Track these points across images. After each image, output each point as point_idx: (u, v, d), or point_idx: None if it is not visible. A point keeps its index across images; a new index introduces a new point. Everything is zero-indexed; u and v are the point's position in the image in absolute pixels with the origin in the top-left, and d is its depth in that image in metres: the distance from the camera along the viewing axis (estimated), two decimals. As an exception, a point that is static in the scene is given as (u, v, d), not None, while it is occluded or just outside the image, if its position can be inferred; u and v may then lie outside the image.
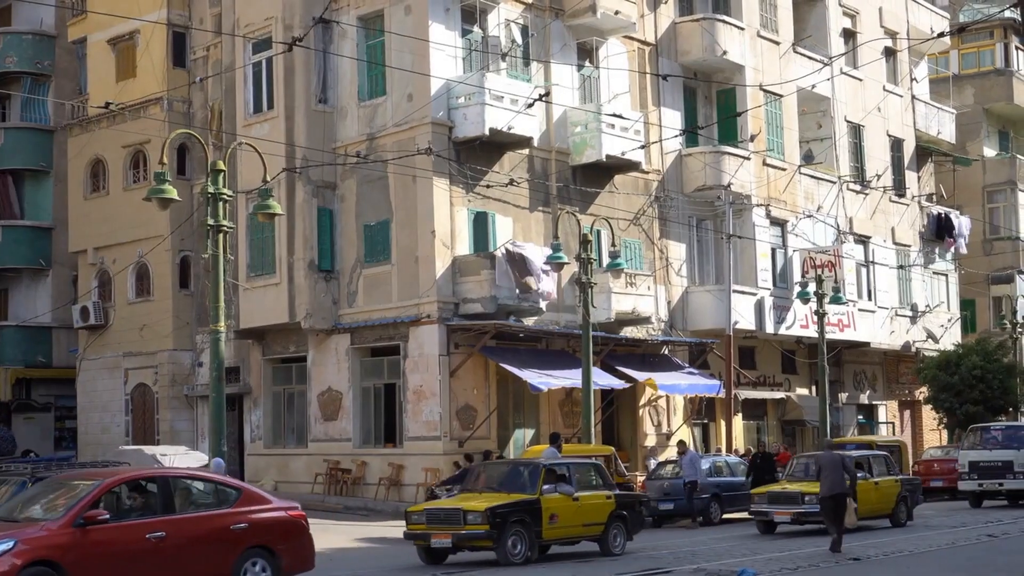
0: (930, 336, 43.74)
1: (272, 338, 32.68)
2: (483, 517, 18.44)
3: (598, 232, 30.88)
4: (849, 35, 41.87)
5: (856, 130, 41.69)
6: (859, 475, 23.64)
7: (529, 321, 30.30)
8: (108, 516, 13.10)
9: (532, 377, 29.05)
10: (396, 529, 21.94)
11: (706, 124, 35.37)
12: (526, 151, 30.99)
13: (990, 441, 31.51)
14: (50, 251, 39.91)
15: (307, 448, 31.73)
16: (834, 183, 40.21)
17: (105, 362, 36.50)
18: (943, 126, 46.77)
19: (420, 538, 19.04)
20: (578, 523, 19.90)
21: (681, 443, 29.59)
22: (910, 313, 43.43)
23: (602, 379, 30.33)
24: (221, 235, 19.60)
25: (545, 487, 19.36)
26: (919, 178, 45.64)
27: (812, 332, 36.09)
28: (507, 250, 29.28)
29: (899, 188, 43.86)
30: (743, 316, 34.97)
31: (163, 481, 14.07)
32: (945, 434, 41.80)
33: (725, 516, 28.26)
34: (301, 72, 30.91)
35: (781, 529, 24.50)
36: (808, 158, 39.65)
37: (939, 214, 44.95)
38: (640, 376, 32.05)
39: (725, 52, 35.52)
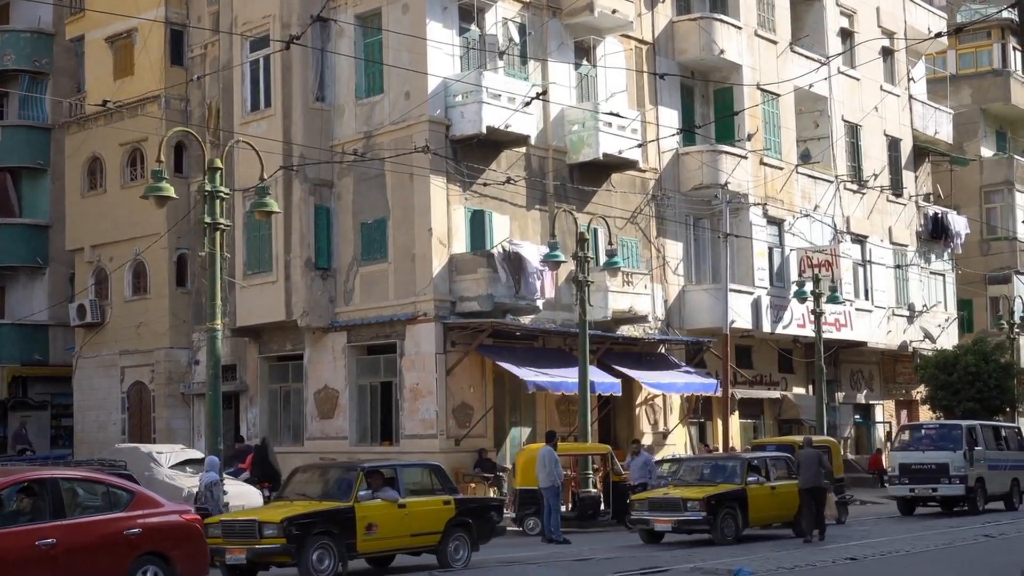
0: (927, 336, 43.76)
1: (269, 336, 32.67)
2: (279, 530, 16.39)
3: (595, 231, 30.90)
4: (846, 35, 41.88)
5: (853, 130, 41.70)
6: (753, 479, 22.69)
7: (526, 319, 30.30)
8: None
9: (529, 375, 29.04)
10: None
11: (703, 123, 35.38)
12: (523, 149, 30.99)
13: (923, 441, 29.15)
14: (47, 249, 39.87)
15: (303, 446, 31.69)
16: (831, 182, 40.22)
17: (102, 360, 36.48)
18: (940, 126, 46.77)
19: (217, 553, 16.68)
20: (404, 533, 17.78)
21: (635, 443, 29.06)
22: (907, 313, 43.45)
23: (599, 379, 30.30)
24: (218, 233, 19.60)
25: (361, 493, 17.30)
26: (916, 178, 45.65)
27: (809, 331, 36.11)
28: (504, 248, 29.28)
29: (896, 188, 43.87)
30: (740, 315, 34.97)
31: (52, 484, 13.04)
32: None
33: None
34: (299, 70, 30.90)
35: (668, 538, 22.63)
36: (805, 157, 39.66)
37: (936, 214, 44.96)
38: (637, 375, 32.04)
39: (722, 51, 35.53)
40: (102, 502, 13.52)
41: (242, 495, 25.22)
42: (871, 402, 43.13)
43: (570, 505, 27.44)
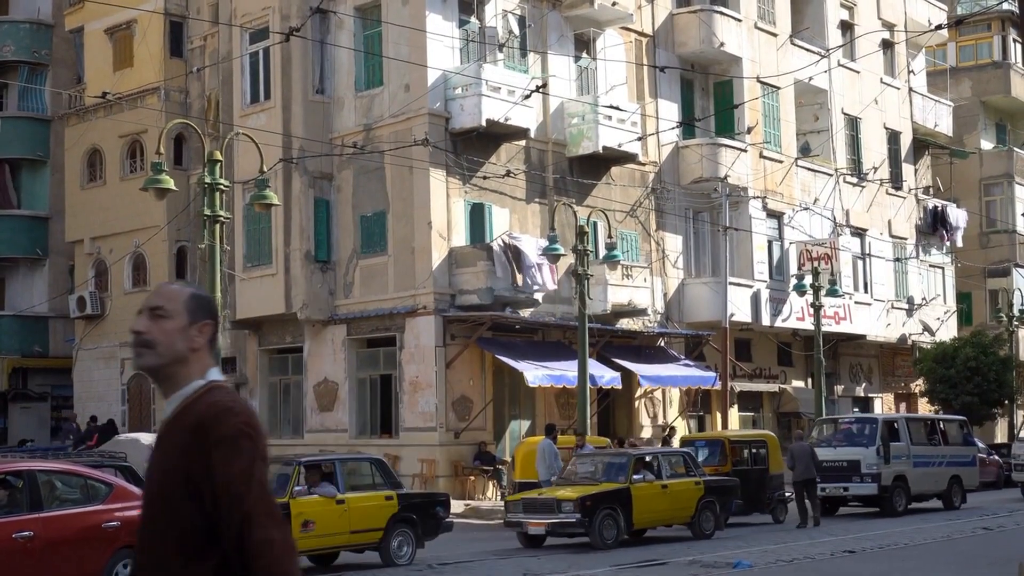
0: (926, 329, 43.80)
1: (268, 329, 32.69)
2: None
3: (594, 224, 30.90)
4: (847, 27, 41.86)
5: (853, 122, 41.70)
6: (639, 476, 20.81)
7: (525, 313, 30.32)
8: None
9: (528, 369, 29.06)
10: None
11: (703, 116, 35.39)
12: (523, 142, 30.99)
13: (837, 437, 27.10)
14: (47, 241, 39.90)
15: (303, 439, 31.74)
16: (831, 175, 40.23)
17: (101, 352, 36.51)
18: (940, 119, 46.78)
19: None
20: (344, 530, 17.14)
21: (579, 436, 25.97)
22: (906, 306, 43.48)
23: (599, 373, 30.32)
24: (218, 225, 19.61)
25: (298, 488, 16.64)
26: (916, 171, 45.66)
27: (808, 324, 36.12)
28: (503, 242, 29.29)
29: (896, 181, 43.88)
30: (739, 308, 35.00)
31: (30, 475, 12.73)
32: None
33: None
34: (298, 62, 30.89)
35: (549, 541, 20.50)
36: (805, 150, 39.67)
37: (936, 207, 44.99)
38: (636, 368, 32.05)
39: (722, 44, 35.53)
40: (80, 495, 13.25)
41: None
42: (870, 395, 43.15)
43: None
